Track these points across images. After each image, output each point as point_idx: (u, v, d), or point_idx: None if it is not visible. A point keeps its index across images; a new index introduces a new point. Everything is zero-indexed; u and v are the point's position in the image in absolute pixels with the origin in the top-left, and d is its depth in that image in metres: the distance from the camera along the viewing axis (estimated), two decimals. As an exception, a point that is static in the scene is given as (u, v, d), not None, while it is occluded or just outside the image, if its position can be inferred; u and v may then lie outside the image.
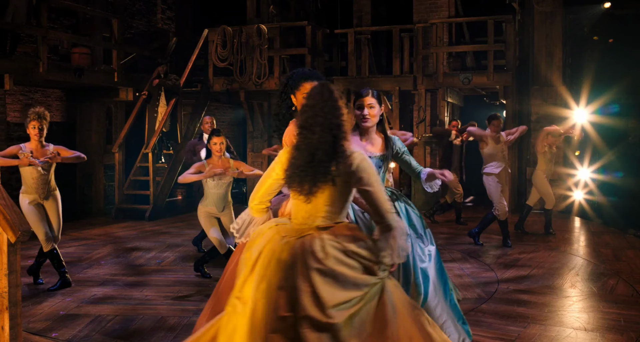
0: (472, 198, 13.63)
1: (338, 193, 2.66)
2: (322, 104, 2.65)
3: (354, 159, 2.61)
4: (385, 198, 2.64)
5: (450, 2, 12.95)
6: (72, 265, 6.97)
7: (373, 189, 2.61)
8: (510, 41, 11.45)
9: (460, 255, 7.48)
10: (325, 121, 2.61)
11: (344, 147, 2.64)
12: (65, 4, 10.61)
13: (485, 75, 11.48)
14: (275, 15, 13.21)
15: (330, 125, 2.61)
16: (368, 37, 12.73)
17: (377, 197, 2.62)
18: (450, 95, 12.46)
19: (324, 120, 2.61)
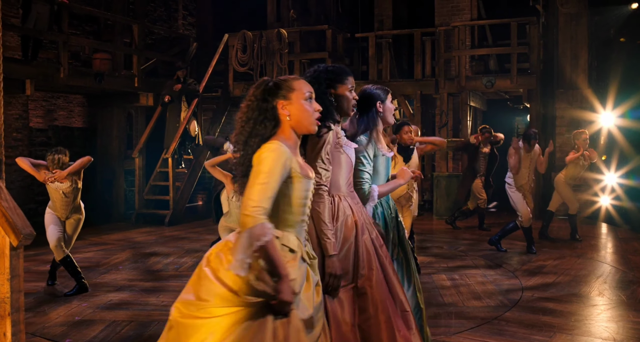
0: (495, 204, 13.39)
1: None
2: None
3: (262, 149, 2.40)
4: (255, 196, 2.26)
5: (473, 4, 12.78)
6: (89, 270, 6.93)
7: (249, 181, 2.33)
8: (534, 43, 11.24)
9: (483, 261, 7.30)
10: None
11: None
12: (86, 10, 10.67)
13: (508, 78, 11.27)
14: (296, 19, 13.14)
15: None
16: (389, 40, 12.61)
17: (246, 190, 2.35)
18: (473, 99, 12.28)
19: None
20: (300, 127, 2.51)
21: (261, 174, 2.32)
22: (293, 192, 2.44)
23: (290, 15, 13.07)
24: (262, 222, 2.26)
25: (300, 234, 2.52)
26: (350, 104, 3.13)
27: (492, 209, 12.91)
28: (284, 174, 2.36)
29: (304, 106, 2.51)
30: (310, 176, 2.53)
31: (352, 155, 3.17)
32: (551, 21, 12.00)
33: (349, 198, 3.11)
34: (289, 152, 2.40)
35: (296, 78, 2.59)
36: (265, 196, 2.29)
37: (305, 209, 2.53)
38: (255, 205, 2.28)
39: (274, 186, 2.32)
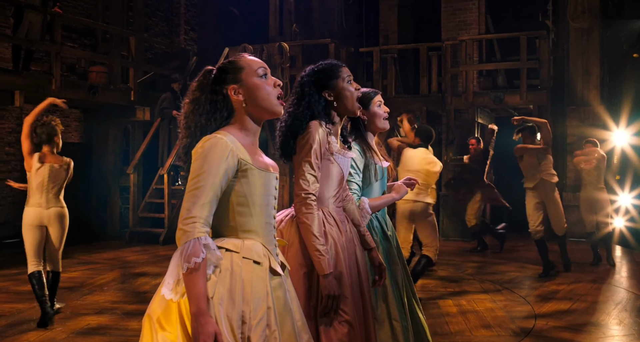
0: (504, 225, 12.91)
1: None
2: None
3: (197, 146, 2.02)
4: (189, 204, 1.88)
5: (481, 19, 12.42)
6: (72, 290, 6.51)
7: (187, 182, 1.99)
8: (544, 58, 10.85)
9: (492, 286, 6.83)
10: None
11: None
12: (81, 21, 10.37)
13: (517, 94, 10.87)
14: (299, 34, 12.83)
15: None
16: (394, 56, 12.26)
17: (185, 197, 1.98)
18: (481, 116, 11.87)
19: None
20: (260, 111, 2.12)
21: (194, 176, 1.93)
22: (249, 188, 2.04)
23: (293, 30, 12.76)
24: (196, 237, 1.85)
25: (267, 241, 2.11)
26: (354, 97, 2.74)
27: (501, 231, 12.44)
28: (228, 170, 1.97)
29: (258, 84, 2.11)
30: (270, 169, 2.13)
31: (345, 167, 2.76)
32: (562, 36, 11.63)
33: (335, 215, 2.70)
34: (232, 142, 2.00)
35: (244, 55, 2.19)
36: (201, 202, 1.89)
37: (270, 210, 2.12)
38: (188, 215, 1.88)
39: (213, 187, 1.92)
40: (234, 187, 2.01)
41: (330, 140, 2.66)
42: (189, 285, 1.84)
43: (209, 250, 1.88)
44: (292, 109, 2.67)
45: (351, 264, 2.64)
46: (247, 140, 2.10)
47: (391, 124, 3.71)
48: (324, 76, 2.70)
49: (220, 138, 1.98)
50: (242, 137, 2.08)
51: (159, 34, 14.58)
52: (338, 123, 2.76)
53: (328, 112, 2.71)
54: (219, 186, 1.94)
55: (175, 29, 15.16)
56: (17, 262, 7.55)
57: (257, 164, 2.06)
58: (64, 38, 11.59)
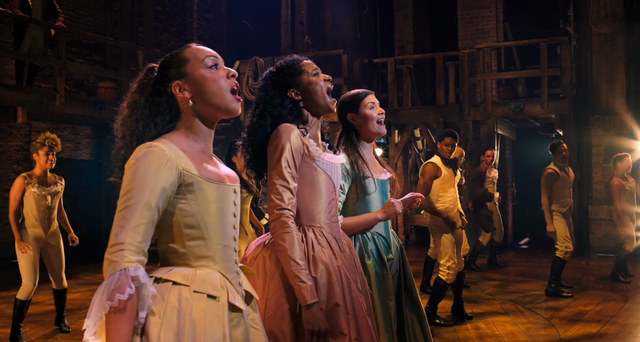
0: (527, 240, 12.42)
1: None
2: None
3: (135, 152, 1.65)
4: (116, 229, 1.53)
5: (499, 27, 12.02)
6: (69, 313, 6.18)
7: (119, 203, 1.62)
8: (566, 66, 10.40)
9: (513, 306, 6.36)
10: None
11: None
12: (86, 35, 10.18)
13: (539, 103, 10.41)
14: (311, 46, 12.53)
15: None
16: (410, 66, 11.89)
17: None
18: (501, 127, 11.42)
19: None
20: (211, 109, 1.75)
21: (123, 194, 1.58)
22: (198, 206, 1.67)
23: (306, 41, 12.48)
24: (123, 267, 1.49)
25: (226, 268, 1.74)
26: (323, 91, 2.37)
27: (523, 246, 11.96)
28: (166, 185, 1.60)
29: (206, 75, 1.74)
30: (226, 180, 1.76)
31: (334, 173, 2.37)
32: (584, 42, 11.17)
33: (328, 233, 2.32)
34: (171, 150, 1.64)
35: (190, 45, 1.84)
36: (132, 225, 1.54)
37: (228, 230, 1.76)
38: (115, 242, 1.52)
39: (147, 207, 1.56)
40: (177, 206, 1.66)
41: (308, 143, 2.29)
42: (109, 330, 1.48)
43: (139, 284, 1.51)
44: (252, 119, 2.33)
45: (351, 293, 2.25)
46: (194, 148, 1.74)
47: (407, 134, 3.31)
48: (286, 74, 2.36)
49: (156, 146, 1.63)
50: (188, 144, 1.73)
51: (171, 49, 14.38)
52: (314, 124, 2.40)
53: (298, 113, 2.36)
54: (154, 204, 1.58)
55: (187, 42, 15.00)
56: (12, 284, 7.29)
57: (207, 175, 1.71)
58: (74, 54, 11.44)
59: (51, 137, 5.21)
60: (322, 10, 13.90)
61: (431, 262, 6.92)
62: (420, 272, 7.02)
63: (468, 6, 12.22)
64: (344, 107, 2.98)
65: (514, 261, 9.79)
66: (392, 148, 11.89)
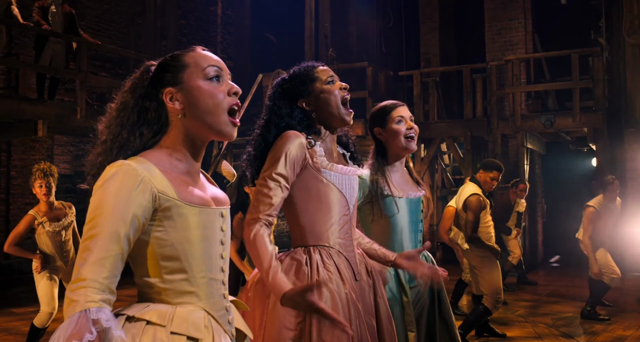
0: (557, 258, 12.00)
1: None
2: None
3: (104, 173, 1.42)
4: (80, 262, 1.31)
5: (528, 39, 11.71)
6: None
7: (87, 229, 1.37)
8: (598, 77, 10.04)
9: (546, 329, 6.02)
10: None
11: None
12: (108, 48, 10.13)
13: (570, 116, 10.05)
14: (335, 58, 12.36)
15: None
16: (436, 79, 11.63)
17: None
18: (530, 141, 11.07)
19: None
20: (202, 128, 1.50)
21: (87, 221, 1.35)
22: (177, 234, 1.43)
23: (330, 54, 12.30)
24: (84, 308, 1.26)
25: (213, 304, 1.50)
26: (337, 101, 2.14)
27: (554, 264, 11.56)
28: (138, 211, 1.37)
29: (203, 88, 1.49)
30: (211, 203, 1.51)
31: (346, 186, 2.13)
32: (617, 53, 10.82)
33: (338, 256, 2.08)
34: (146, 170, 1.41)
35: (195, 48, 1.58)
36: (95, 258, 1.31)
37: (214, 260, 1.52)
38: (76, 277, 1.30)
39: (114, 236, 1.33)
40: (153, 234, 1.42)
41: (315, 152, 2.06)
42: None
43: (101, 329, 1.27)
44: (255, 131, 2.12)
45: (359, 323, 2.00)
46: (177, 168, 1.51)
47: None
48: (297, 82, 2.14)
49: (127, 165, 1.40)
50: (169, 163, 1.49)
51: (194, 63, 14.38)
52: (328, 137, 2.17)
53: (308, 124, 2.13)
54: (123, 234, 1.35)
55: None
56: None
57: (187, 197, 1.46)
58: (97, 68, 11.41)
59: (42, 167, 4.95)
60: (347, 23, 13.75)
61: (462, 286, 6.66)
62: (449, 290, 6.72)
63: (496, 17, 11.95)
64: (371, 121, 2.77)
65: (545, 280, 9.41)
66: (418, 163, 11.60)
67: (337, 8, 13.30)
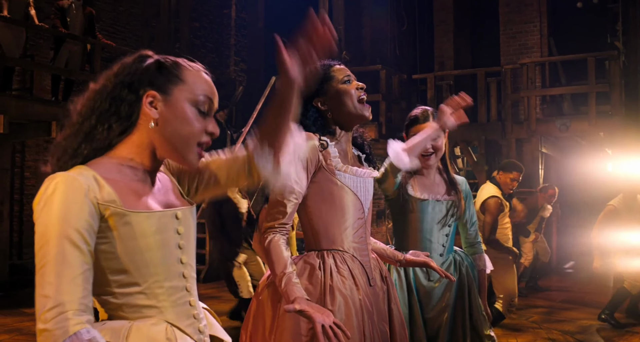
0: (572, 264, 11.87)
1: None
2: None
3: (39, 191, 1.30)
4: (46, 288, 1.19)
5: (543, 42, 11.64)
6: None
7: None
8: (615, 81, 9.94)
9: (561, 336, 5.93)
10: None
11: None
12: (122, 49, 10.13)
13: (586, 120, 9.96)
14: (349, 61, 12.32)
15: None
16: (450, 82, 11.57)
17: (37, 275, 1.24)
18: (545, 146, 10.98)
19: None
20: (167, 146, 1.40)
21: (39, 246, 1.23)
22: (124, 246, 1.32)
23: (343, 57, 12.26)
24: (74, 332, 1.18)
25: (177, 314, 1.40)
26: (353, 99, 2.11)
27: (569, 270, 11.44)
28: (90, 220, 1.27)
29: (187, 114, 1.39)
30: (152, 207, 1.39)
31: (360, 189, 2.09)
32: (634, 57, 10.68)
33: (352, 260, 2.04)
34: (87, 178, 1.29)
35: (193, 65, 1.47)
36: (67, 279, 1.20)
37: (174, 268, 1.40)
38: (49, 306, 1.18)
39: (77, 252, 1.23)
40: (97, 248, 1.30)
41: (329, 154, 2.03)
42: None
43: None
44: None
45: (373, 331, 1.96)
46: (127, 176, 1.38)
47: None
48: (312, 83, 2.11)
49: (67, 176, 1.28)
50: (117, 172, 1.37)
51: (208, 65, 14.29)
52: (343, 137, 2.13)
53: (323, 123, 2.10)
54: (84, 246, 1.25)
55: (226, 60, 14.97)
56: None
57: (132, 204, 1.35)
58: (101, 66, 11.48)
59: None
60: (361, 26, 13.72)
61: None
62: None
63: (511, 21, 11.88)
64: (406, 125, 2.82)
65: (558, 286, 9.31)
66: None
67: (351, 11, 13.27)
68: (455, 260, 2.76)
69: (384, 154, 2.77)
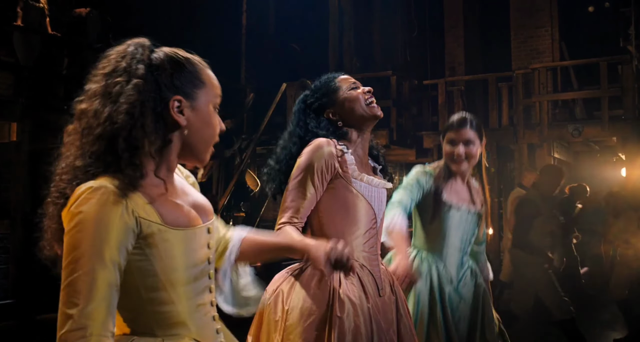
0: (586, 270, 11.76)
1: None
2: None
3: (71, 199, 1.24)
4: (69, 307, 1.17)
5: (554, 47, 11.60)
6: None
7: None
8: (627, 85, 9.87)
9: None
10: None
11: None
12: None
13: (599, 125, 9.89)
14: (359, 67, 12.35)
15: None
16: (461, 88, 11.55)
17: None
18: (558, 151, 10.92)
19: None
20: (189, 152, 1.38)
21: (68, 262, 1.19)
22: (163, 263, 1.28)
23: (354, 63, 12.29)
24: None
25: (203, 333, 1.38)
26: (361, 102, 2.11)
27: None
28: (124, 239, 1.22)
29: (212, 118, 1.40)
30: (196, 222, 1.37)
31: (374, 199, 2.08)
32: (646, 62, 10.63)
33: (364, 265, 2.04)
34: (126, 191, 1.24)
35: (202, 62, 1.44)
36: (92, 299, 1.17)
37: (203, 284, 1.39)
38: (75, 327, 1.15)
39: (106, 271, 1.19)
40: (135, 264, 1.26)
41: (346, 161, 2.03)
42: None
43: None
44: (282, 145, 2.11)
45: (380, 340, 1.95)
46: (157, 187, 1.34)
47: None
48: (319, 95, 2.12)
49: (106, 187, 1.22)
50: (150, 182, 1.32)
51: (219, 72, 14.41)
52: (359, 144, 2.14)
53: (338, 132, 2.11)
54: (114, 266, 1.21)
55: (237, 67, 15.04)
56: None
57: (173, 220, 1.31)
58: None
59: None
60: (371, 32, 13.74)
61: None
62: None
63: (522, 26, 11.86)
64: (443, 130, 2.89)
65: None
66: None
67: (362, 17, 13.30)
68: (472, 269, 2.78)
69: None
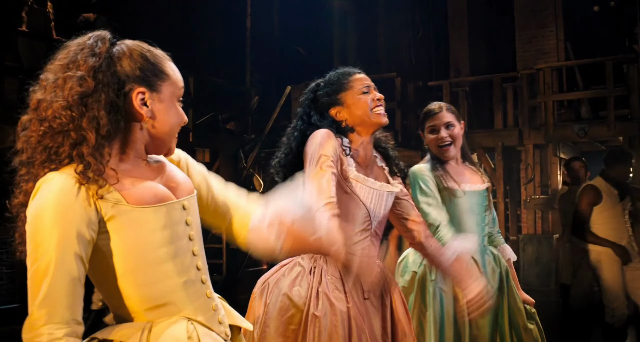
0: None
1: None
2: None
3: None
4: (33, 298, 1.16)
5: (560, 47, 11.55)
6: None
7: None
8: (634, 85, 9.82)
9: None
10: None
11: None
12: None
13: (605, 125, 9.85)
14: (364, 70, 12.33)
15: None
16: (466, 89, 11.52)
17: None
18: (563, 151, 10.87)
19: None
20: (154, 143, 1.36)
21: (30, 252, 1.18)
22: (132, 243, 1.25)
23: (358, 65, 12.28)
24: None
25: (197, 308, 1.35)
26: (367, 108, 2.08)
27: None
28: (82, 226, 1.19)
29: (176, 109, 1.38)
30: (169, 197, 1.33)
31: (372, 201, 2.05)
32: (652, 61, 10.57)
33: None
34: (82, 178, 1.21)
35: (164, 54, 1.42)
36: (48, 291, 1.15)
37: (187, 261, 1.35)
38: (32, 319, 1.14)
39: (65, 261, 1.17)
40: (106, 248, 1.25)
41: (346, 161, 2.01)
42: None
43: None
44: (288, 137, 2.08)
45: None
46: (120, 166, 1.31)
47: None
48: (330, 90, 2.08)
49: (60, 175, 1.21)
50: (117, 168, 1.30)
51: (224, 76, 14.46)
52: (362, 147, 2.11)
53: (341, 131, 2.08)
54: (73, 255, 1.18)
55: (241, 70, 15.05)
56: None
57: (137, 198, 1.27)
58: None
59: None
60: (375, 34, 13.72)
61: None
62: None
63: (527, 26, 11.82)
64: (420, 120, 2.85)
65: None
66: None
67: (366, 19, 13.29)
68: (494, 254, 2.73)
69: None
